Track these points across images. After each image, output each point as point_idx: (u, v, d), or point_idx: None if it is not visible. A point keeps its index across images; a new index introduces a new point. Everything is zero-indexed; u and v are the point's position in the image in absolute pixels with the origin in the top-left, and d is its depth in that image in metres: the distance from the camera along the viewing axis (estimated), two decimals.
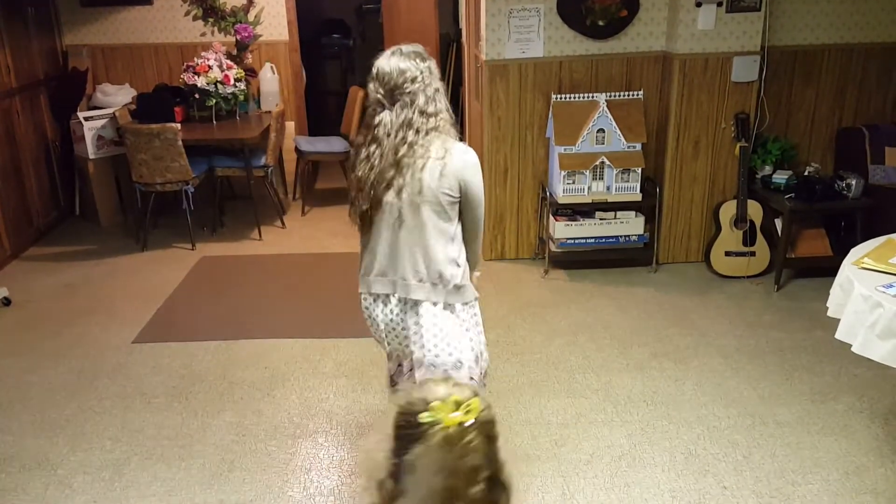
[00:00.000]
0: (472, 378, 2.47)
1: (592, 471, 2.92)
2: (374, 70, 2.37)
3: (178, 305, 4.46)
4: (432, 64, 2.43)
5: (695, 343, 3.86)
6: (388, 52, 2.41)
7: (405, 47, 2.42)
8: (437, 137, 2.37)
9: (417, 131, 2.34)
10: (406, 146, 2.34)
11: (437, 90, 2.41)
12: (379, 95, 2.36)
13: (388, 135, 2.35)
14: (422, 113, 2.35)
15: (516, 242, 4.95)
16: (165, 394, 3.52)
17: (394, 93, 2.35)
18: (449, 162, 2.35)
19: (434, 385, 1.32)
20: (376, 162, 2.37)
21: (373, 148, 2.38)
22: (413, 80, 2.35)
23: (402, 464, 1.25)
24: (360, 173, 2.41)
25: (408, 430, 1.26)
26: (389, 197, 2.37)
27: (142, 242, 5.34)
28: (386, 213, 2.40)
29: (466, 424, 1.23)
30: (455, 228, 2.47)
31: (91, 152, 5.56)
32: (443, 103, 2.42)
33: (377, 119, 2.37)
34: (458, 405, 1.24)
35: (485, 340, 2.60)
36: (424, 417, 1.24)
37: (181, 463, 3.02)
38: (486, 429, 1.27)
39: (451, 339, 2.45)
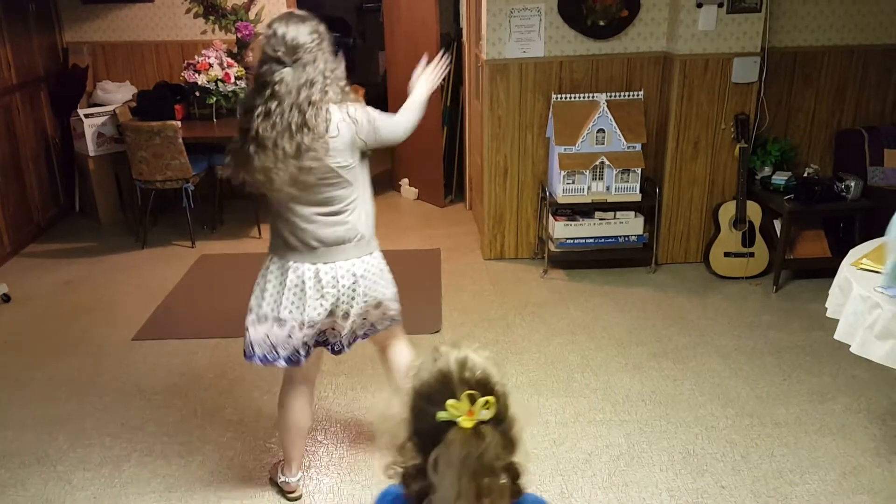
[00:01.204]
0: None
1: (591, 470, 2.93)
2: (274, 30, 2.36)
3: (177, 303, 4.46)
4: (321, 27, 2.46)
5: (693, 343, 3.87)
6: (285, 15, 2.42)
7: (299, 12, 2.46)
8: (339, 101, 2.42)
9: (322, 91, 2.37)
10: (310, 106, 2.34)
11: (334, 57, 2.46)
12: (279, 53, 2.35)
13: (290, 93, 2.34)
14: (324, 76, 2.39)
15: (516, 242, 4.95)
16: (165, 391, 3.52)
17: (296, 51, 2.35)
18: (349, 128, 2.41)
19: (446, 354, 1.31)
20: (278, 120, 2.34)
21: (273, 105, 2.34)
22: (317, 43, 2.39)
23: (428, 464, 1.25)
24: (260, 130, 2.34)
25: (424, 420, 1.27)
26: (292, 161, 2.35)
27: (141, 240, 5.35)
28: (290, 176, 2.39)
29: (483, 423, 1.24)
30: (357, 193, 2.56)
31: (91, 149, 5.56)
32: (341, 70, 2.47)
33: (277, 76, 2.34)
34: (472, 399, 1.23)
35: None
36: (441, 416, 1.23)
37: (181, 460, 3.03)
38: (501, 415, 1.27)
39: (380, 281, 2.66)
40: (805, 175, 4.53)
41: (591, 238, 4.62)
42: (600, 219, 4.63)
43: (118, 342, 3.99)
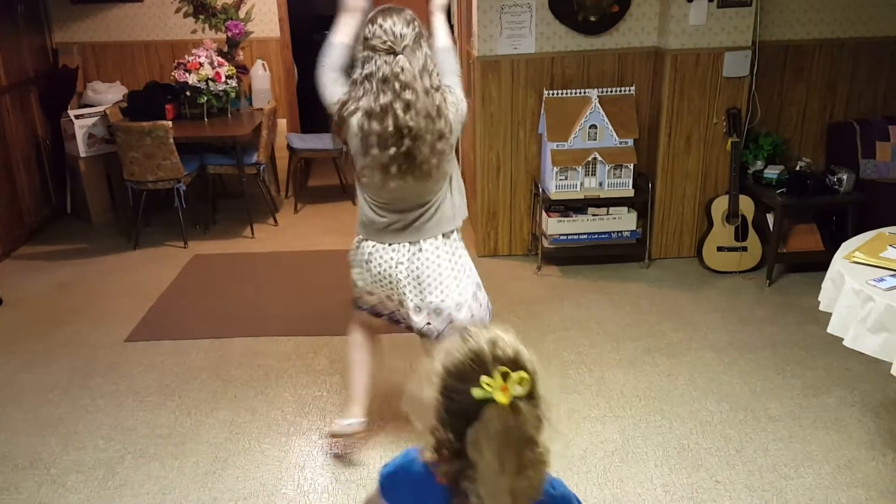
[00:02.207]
0: (472, 315, 2.73)
1: (586, 466, 2.93)
2: (379, 24, 2.46)
3: (170, 304, 4.45)
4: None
5: (687, 338, 3.88)
6: (383, 10, 2.50)
7: (391, 5, 2.55)
8: (443, 84, 2.55)
9: (434, 79, 2.50)
10: (436, 91, 2.49)
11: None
12: (391, 44, 2.44)
13: (416, 78, 2.45)
14: (431, 60, 2.51)
15: (509, 239, 4.95)
16: (158, 392, 3.51)
17: (401, 40, 2.45)
18: (458, 108, 2.56)
19: (476, 335, 1.32)
20: (418, 107, 2.44)
21: (407, 94, 2.44)
22: (417, 31, 2.49)
23: (466, 442, 1.27)
24: (411, 123, 2.45)
25: (457, 400, 1.28)
26: (427, 145, 2.48)
27: (134, 241, 5.33)
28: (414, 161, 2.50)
29: (518, 399, 1.26)
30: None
31: (82, 150, 5.54)
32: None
33: (396, 67, 2.43)
34: (505, 377, 1.25)
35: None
36: (477, 394, 1.25)
37: (174, 461, 3.02)
38: (533, 391, 1.29)
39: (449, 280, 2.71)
40: (797, 169, 4.54)
41: (584, 234, 4.61)
42: (593, 215, 4.62)
43: (111, 343, 3.97)
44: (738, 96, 4.53)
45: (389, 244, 2.69)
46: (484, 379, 1.25)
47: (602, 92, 4.47)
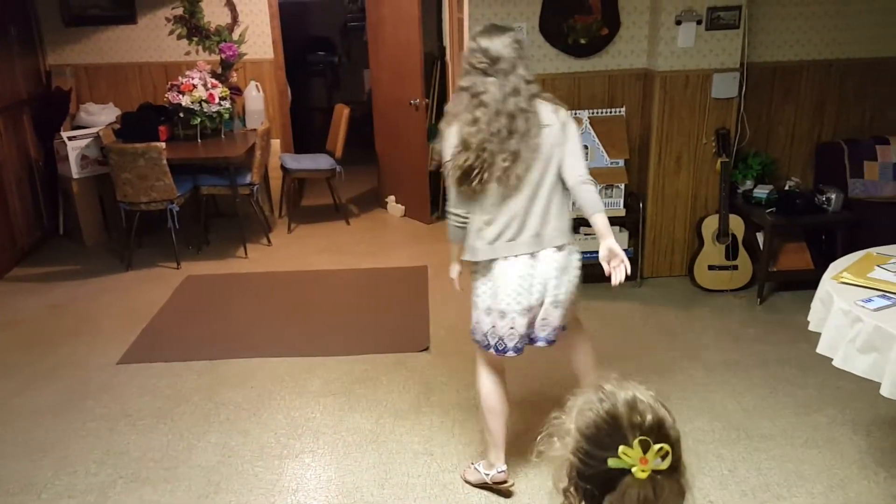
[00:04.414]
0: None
1: None
2: (477, 44, 2.55)
3: (163, 325, 4.44)
4: (521, 35, 2.67)
5: (679, 357, 3.89)
6: (487, 28, 2.59)
7: (498, 23, 2.68)
8: (540, 103, 2.60)
9: (528, 98, 2.55)
10: (520, 113, 2.53)
11: (529, 58, 2.66)
12: (484, 65, 2.53)
13: (497, 100, 2.52)
14: (525, 81, 2.56)
15: None
16: (151, 415, 3.50)
17: (497, 63, 2.52)
18: (558, 125, 2.61)
19: (612, 395, 1.22)
20: (492, 128, 2.51)
21: (479, 112, 2.52)
22: (516, 51, 2.54)
23: None
24: (476, 140, 2.52)
25: (592, 465, 1.19)
26: (508, 163, 2.53)
27: (126, 262, 5.33)
28: (506, 179, 2.56)
29: (659, 472, 1.15)
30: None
31: (75, 172, 5.54)
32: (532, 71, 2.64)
33: (482, 87, 2.52)
34: (646, 446, 1.14)
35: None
36: (613, 464, 1.15)
37: (167, 485, 3.00)
38: (675, 462, 1.18)
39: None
40: (786, 188, 4.58)
41: None
42: (585, 234, 4.64)
43: (103, 366, 3.96)
44: (727, 117, 4.58)
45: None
46: (622, 449, 1.14)
47: (593, 113, 4.51)
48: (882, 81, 4.82)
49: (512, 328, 2.71)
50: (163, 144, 5.09)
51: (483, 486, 2.93)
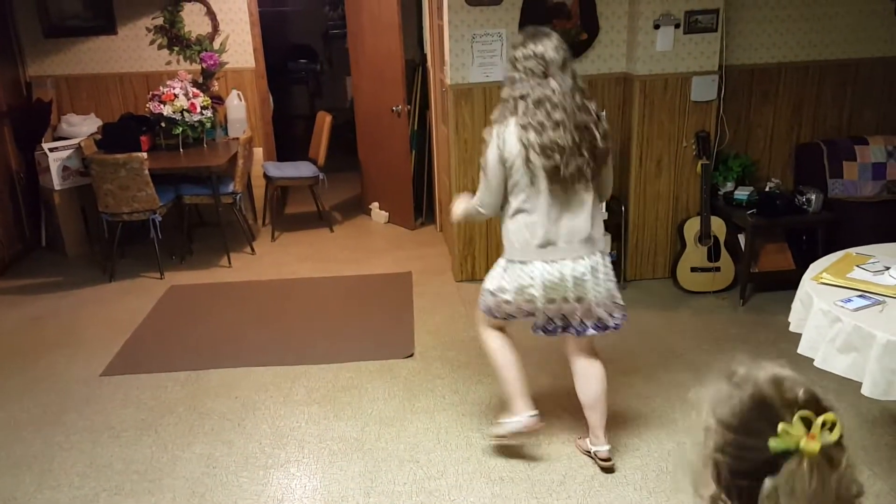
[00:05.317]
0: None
1: (566, 491, 2.93)
2: (529, 50, 2.64)
3: (146, 336, 4.42)
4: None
5: (663, 359, 3.91)
6: (527, 33, 2.70)
7: (538, 28, 2.75)
8: (591, 99, 2.75)
9: (585, 94, 2.71)
10: (585, 109, 2.68)
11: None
12: (542, 68, 2.61)
13: (566, 97, 2.63)
14: (579, 78, 2.71)
15: (486, 263, 4.96)
16: (134, 427, 3.48)
17: (550, 65, 2.63)
18: (606, 122, 2.77)
19: (750, 376, 1.09)
20: (570, 125, 2.62)
21: (557, 114, 2.61)
22: (565, 52, 2.68)
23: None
24: (562, 141, 2.62)
25: (747, 458, 1.05)
26: (582, 163, 2.67)
27: (109, 273, 5.29)
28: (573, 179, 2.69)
29: (830, 447, 1.01)
30: None
31: (56, 183, 5.51)
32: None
33: (546, 90, 2.62)
34: (807, 422, 1.01)
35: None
36: (776, 445, 1.01)
37: (151, 497, 2.99)
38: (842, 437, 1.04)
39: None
40: (767, 189, 4.62)
41: None
42: None
43: (86, 378, 3.93)
44: (707, 120, 4.61)
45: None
46: (783, 426, 1.00)
47: None
48: (858, 82, 4.88)
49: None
50: (145, 154, 5.07)
51: (515, 435, 3.05)
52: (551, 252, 2.76)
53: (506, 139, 2.68)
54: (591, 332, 2.92)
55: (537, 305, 2.83)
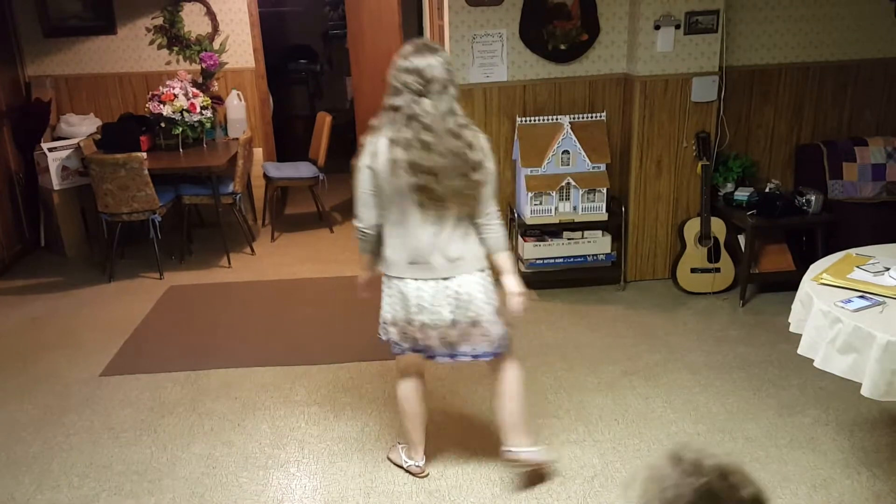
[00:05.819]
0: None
1: (566, 492, 2.93)
2: (411, 63, 2.53)
3: (146, 336, 4.41)
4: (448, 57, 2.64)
5: (664, 360, 3.91)
6: (415, 46, 2.58)
7: (428, 42, 2.66)
8: (467, 126, 2.61)
9: (461, 120, 2.58)
10: (456, 135, 2.54)
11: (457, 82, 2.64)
12: (419, 85, 2.51)
13: (436, 121, 2.52)
14: (457, 101, 2.58)
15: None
16: (134, 427, 3.47)
17: (430, 84, 2.50)
18: (481, 152, 2.61)
19: (698, 464, 1.09)
20: (439, 148, 2.51)
21: (426, 136, 2.51)
22: (448, 73, 2.55)
23: None
24: (427, 163, 2.51)
25: None
26: (453, 183, 2.55)
27: (108, 273, 5.29)
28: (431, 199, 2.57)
29: None
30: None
31: (56, 183, 5.50)
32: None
33: (419, 108, 2.51)
34: None
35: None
36: None
37: (150, 498, 2.98)
38: None
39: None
40: (767, 190, 4.62)
41: (560, 258, 4.65)
42: (568, 238, 4.67)
43: (86, 379, 3.93)
44: (707, 120, 4.61)
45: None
46: None
47: (574, 118, 4.54)
48: (858, 83, 4.88)
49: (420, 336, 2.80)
50: (144, 154, 5.07)
51: (400, 468, 3.09)
52: (424, 270, 2.67)
53: (377, 150, 2.58)
54: (465, 358, 2.86)
55: (414, 324, 2.74)
